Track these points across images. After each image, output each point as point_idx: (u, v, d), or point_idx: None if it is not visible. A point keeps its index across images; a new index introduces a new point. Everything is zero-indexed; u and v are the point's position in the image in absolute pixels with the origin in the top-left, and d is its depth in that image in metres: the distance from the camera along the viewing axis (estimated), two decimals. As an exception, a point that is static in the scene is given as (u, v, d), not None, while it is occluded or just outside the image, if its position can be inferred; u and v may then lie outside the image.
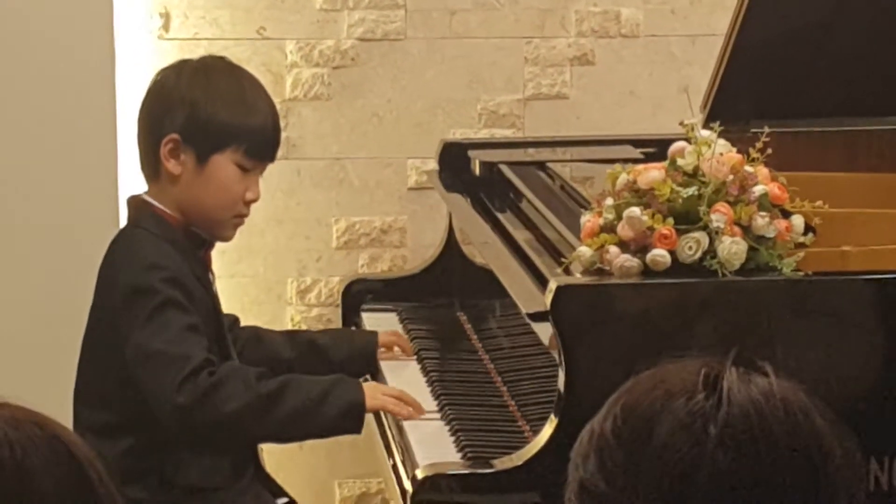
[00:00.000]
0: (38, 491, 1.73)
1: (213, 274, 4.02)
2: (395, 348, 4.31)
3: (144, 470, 3.74)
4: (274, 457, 4.40)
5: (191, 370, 3.63)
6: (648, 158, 3.83)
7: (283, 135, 4.51)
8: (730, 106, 4.00)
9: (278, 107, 4.46)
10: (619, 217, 3.28)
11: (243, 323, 4.40)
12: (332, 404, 3.75)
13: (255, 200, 3.92)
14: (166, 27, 5.16)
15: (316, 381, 3.82)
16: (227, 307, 4.28)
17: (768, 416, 1.78)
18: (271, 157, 3.93)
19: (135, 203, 3.91)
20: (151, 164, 3.85)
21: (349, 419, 3.73)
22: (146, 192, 3.88)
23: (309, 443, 4.41)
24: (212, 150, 3.79)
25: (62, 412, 3.26)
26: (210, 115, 3.82)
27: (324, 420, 3.74)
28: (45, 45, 4.97)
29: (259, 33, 5.12)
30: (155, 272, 3.74)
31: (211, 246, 3.93)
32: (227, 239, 4.00)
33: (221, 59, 4.08)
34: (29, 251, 4.91)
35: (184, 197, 3.85)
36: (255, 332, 4.27)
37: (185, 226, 3.85)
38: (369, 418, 3.86)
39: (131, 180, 4.57)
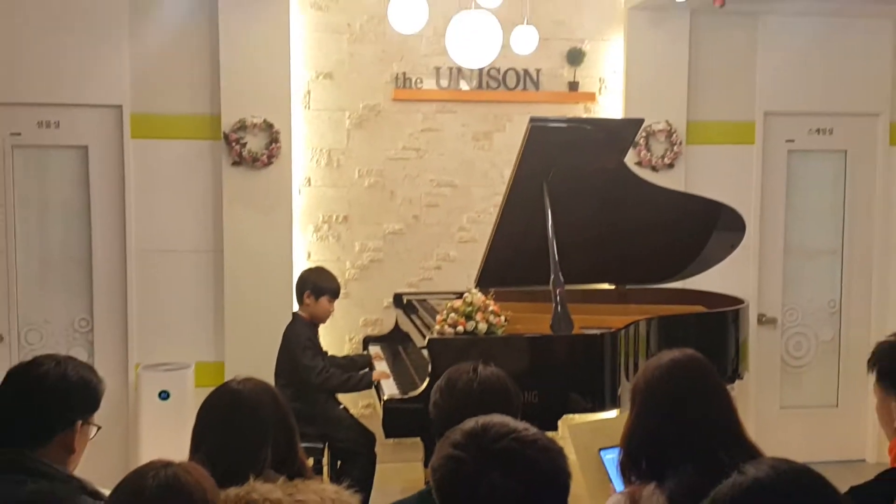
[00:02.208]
0: (262, 408, 2.43)
1: (318, 335, 5.00)
2: (377, 358, 5.18)
3: (298, 398, 4.69)
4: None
5: (319, 371, 4.75)
6: (459, 297, 4.38)
7: (344, 291, 5.47)
8: (485, 280, 4.84)
9: (344, 280, 5.72)
10: (448, 316, 4.20)
11: (331, 350, 5.32)
12: (364, 380, 4.77)
13: (332, 312, 5.03)
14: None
15: (359, 374, 4.84)
16: (324, 343, 5.15)
17: (492, 380, 2.49)
18: (337, 298, 5.03)
19: (294, 314, 5.04)
20: (301, 299, 4.98)
21: (369, 383, 4.74)
22: (298, 309, 5.05)
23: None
24: (320, 296, 4.94)
25: (270, 382, 3.57)
26: (322, 286, 4.95)
27: (362, 385, 4.77)
28: (262, 245, 5.60)
29: (339, 259, 5.89)
30: (304, 337, 4.86)
31: (318, 326, 5.00)
32: (324, 323, 5.05)
33: (322, 268, 5.11)
34: (265, 333, 5.33)
35: (311, 311, 4.96)
36: (331, 357, 5.14)
37: (310, 320, 4.95)
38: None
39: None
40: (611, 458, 2.88)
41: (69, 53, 5.43)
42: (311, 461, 4.22)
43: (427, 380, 3.98)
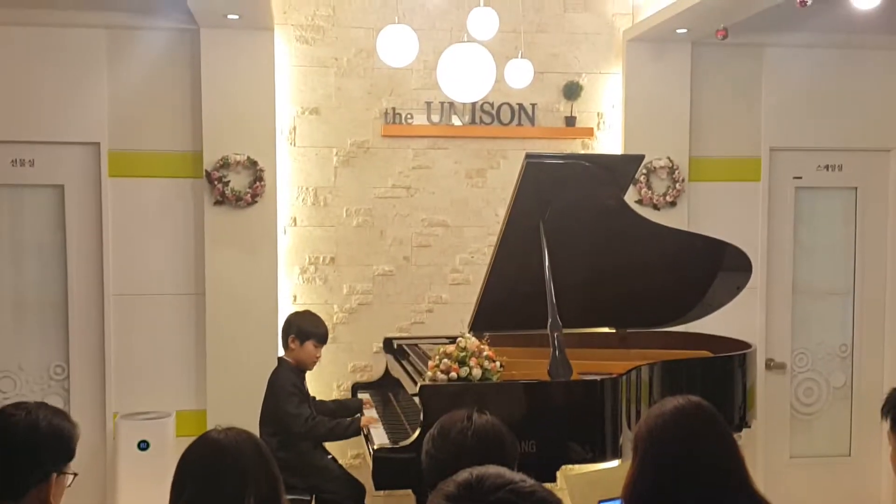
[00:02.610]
0: (243, 458, 2.36)
1: (305, 382, 4.94)
2: (367, 404, 5.14)
3: (284, 447, 4.70)
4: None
5: (305, 418, 4.69)
6: (452, 342, 4.32)
7: (332, 335, 5.46)
8: (479, 324, 4.79)
9: (332, 325, 5.69)
10: (440, 362, 4.11)
11: (318, 391, 5.34)
12: (352, 427, 4.70)
13: (319, 358, 5.00)
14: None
15: (346, 420, 4.78)
16: (311, 391, 5.12)
17: (488, 429, 2.43)
18: (325, 343, 5.00)
19: (280, 359, 5.00)
20: (286, 344, 4.92)
21: (357, 430, 4.68)
22: (284, 354, 4.99)
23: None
24: (305, 340, 4.91)
25: (255, 430, 3.24)
26: (307, 330, 4.92)
27: (350, 433, 4.69)
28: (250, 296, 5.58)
29: (326, 302, 5.90)
30: (290, 383, 4.80)
31: (305, 372, 4.95)
32: (311, 369, 5.01)
33: (308, 312, 5.13)
34: (249, 380, 5.32)
35: (297, 356, 4.91)
36: (320, 402, 5.14)
37: (296, 365, 4.90)
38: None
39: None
40: (611, 510, 2.82)
41: (44, 89, 5.42)
42: (297, 514, 4.26)
43: (419, 429, 3.92)
